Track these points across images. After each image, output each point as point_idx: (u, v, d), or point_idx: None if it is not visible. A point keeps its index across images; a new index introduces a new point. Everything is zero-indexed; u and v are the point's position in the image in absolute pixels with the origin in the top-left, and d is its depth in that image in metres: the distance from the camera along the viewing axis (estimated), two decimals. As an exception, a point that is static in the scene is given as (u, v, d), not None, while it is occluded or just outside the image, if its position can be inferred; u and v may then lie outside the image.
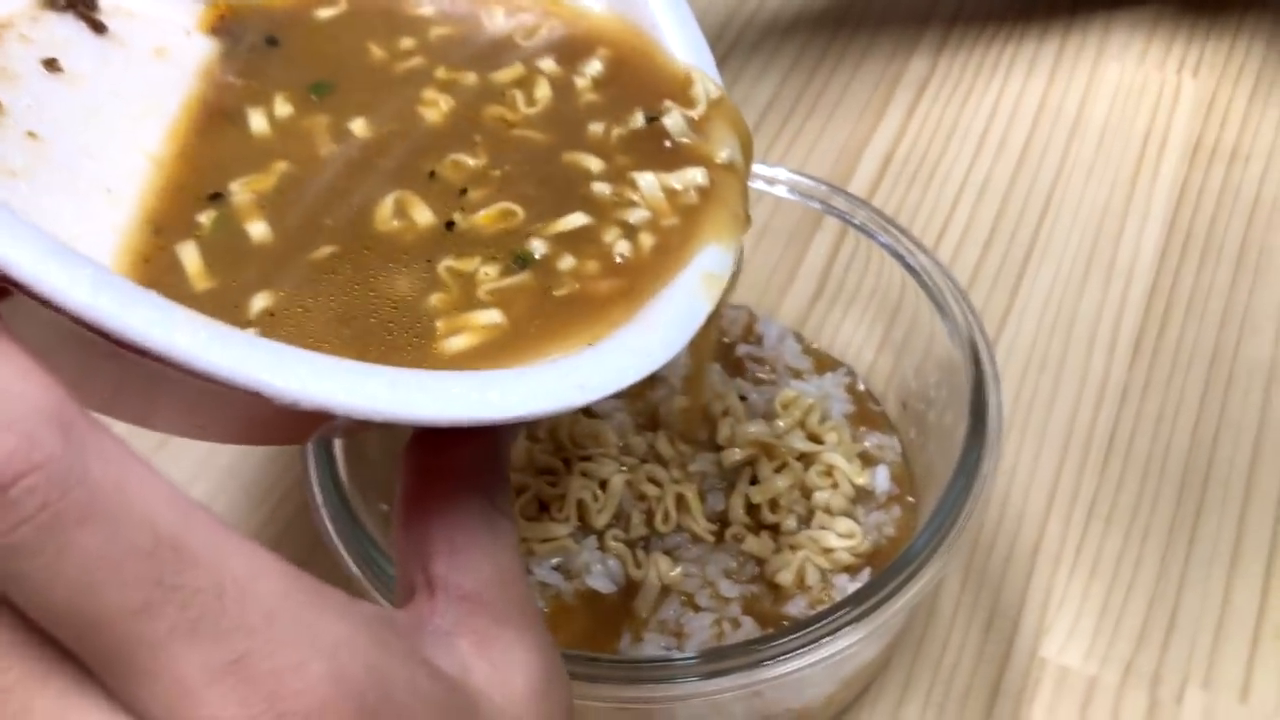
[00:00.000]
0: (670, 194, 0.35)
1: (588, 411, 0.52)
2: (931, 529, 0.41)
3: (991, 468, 0.43)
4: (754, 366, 0.55)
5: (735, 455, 0.48)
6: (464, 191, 0.35)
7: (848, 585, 0.47)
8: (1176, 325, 0.62)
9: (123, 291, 0.23)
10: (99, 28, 0.36)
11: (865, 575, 0.48)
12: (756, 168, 0.55)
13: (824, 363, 0.55)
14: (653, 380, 0.54)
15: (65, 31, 0.35)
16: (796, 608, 0.47)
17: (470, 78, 0.38)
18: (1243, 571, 0.53)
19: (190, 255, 0.32)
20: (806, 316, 0.58)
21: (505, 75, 0.38)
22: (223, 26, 0.38)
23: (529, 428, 0.51)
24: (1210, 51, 0.75)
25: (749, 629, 0.46)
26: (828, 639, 0.39)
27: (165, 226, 0.33)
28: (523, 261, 0.33)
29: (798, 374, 0.54)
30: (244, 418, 0.30)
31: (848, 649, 0.40)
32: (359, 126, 0.36)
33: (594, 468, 0.50)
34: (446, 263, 0.33)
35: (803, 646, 0.39)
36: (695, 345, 0.33)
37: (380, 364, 0.27)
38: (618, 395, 0.53)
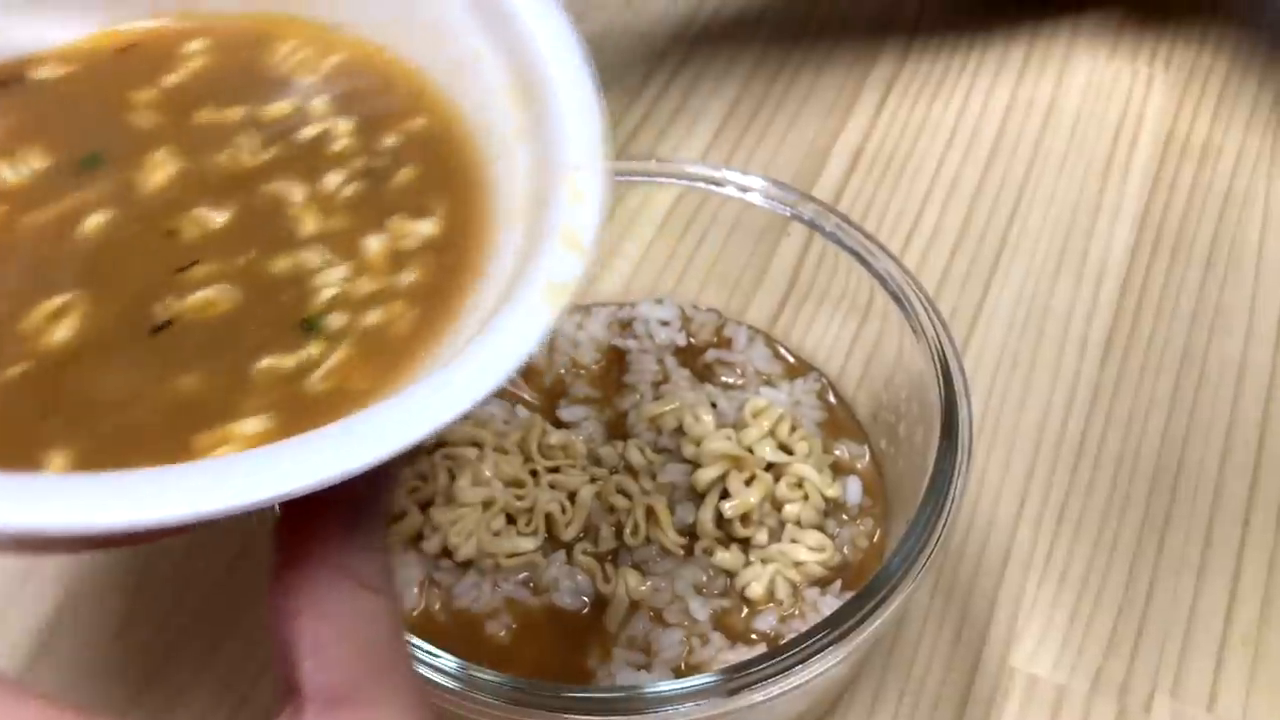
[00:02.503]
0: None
1: (557, 421, 0.52)
2: (905, 550, 0.41)
3: (962, 487, 0.43)
4: (723, 371, 0.54)
5: (709, 475, 0.48)
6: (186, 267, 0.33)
7: (818, 598, 0.47)
8: (1148, 324, 0.62)
9: None
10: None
11: (836, 588, 0.47)
12: (725, 173, 0.54)
13: (794, 368, 0.55)
14: (622, 387, 0.54)
15: None
16: (767, 622, 0.47)
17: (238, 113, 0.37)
18: (1210, 578, 0.53)
19: None
20: (776, 317, 0.57)
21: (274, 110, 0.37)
22: None
23: (499, 440, 0.50)
24: (1181, 45, 0.74)
25: (718, 644, 0.46)
26: (805, 663, 0.39)
27: None
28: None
29: (768, 380, 0.54)
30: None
31: (825, 671, 0.40)
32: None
33: (562, 479, 0.49)
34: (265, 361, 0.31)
35: (780, 672, 0.39)
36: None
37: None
38: (585, 402, 0.53)
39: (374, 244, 0.34)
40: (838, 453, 0.51)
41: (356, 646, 0.28)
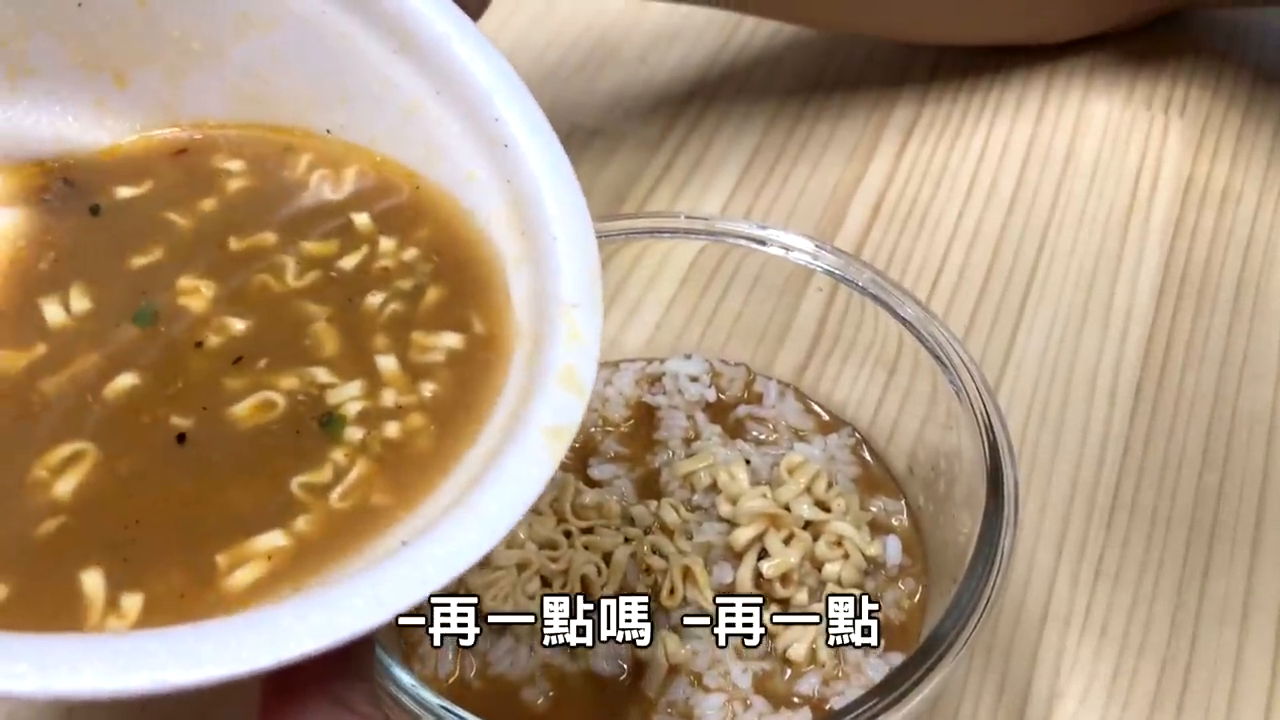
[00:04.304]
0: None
1: (589, 480, 0.51)
2: (957, 613, 0.40)
3: (1011, 546, 0.42)
4: (755, 427, 0.54)
5: (746, 535, 0.47)
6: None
7: (862, 659, 0.46)
8: (1176, 372, 0.61)
9: None
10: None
11: (879, 649, 0.46)
12: (746, 226, 0.54)
13: (827, 424, 0.54)
14: (652, 444, 0.53)
15: None
16: (810, 684, 0.46)
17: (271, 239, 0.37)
18: (1254, 630, 0.52)
19: None
20: (803, 371, 0.57)
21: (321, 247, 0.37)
22: (44, 188, 0.37)
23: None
24: (1196, 91, 0.74)
25: (760, 709, 0.45)
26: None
27: None
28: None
29: (801, 435, 0.53)
30: None
31: (874, 739, 0.39)
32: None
33: (597, 540, 0.48)
34: (301, 478, 0.32)
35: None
36: None
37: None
38: (616, 460, 0.52)
39: (391, 361, 0.35)
40: (874, 509, 0.51)
41: None
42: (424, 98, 0.38)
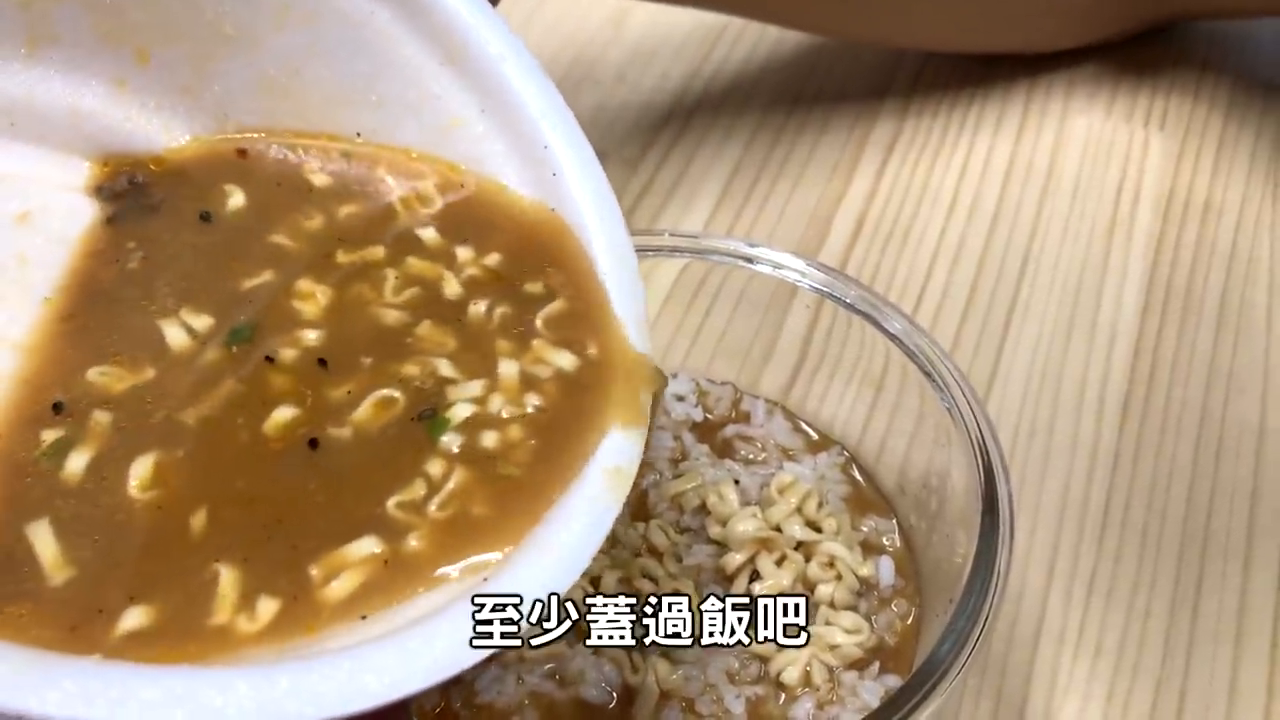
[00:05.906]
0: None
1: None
2: (955, 633, 0.40)
3: (1008, 565, 0.41)
4: (743, 447, 0.53)
5: (736, 560, 0.46)
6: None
7: (856, 682, 0.45)
8: (1163, 386, 0.61)
9: None
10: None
11: (874, 670, 0.46)
12: (730, 243, 0.53)
13: (816, 442, 0.54)
14: (641, 465, 0.52)
15: None
16: (804, 709, 0.45)
17: (379, 252, 0.37)
18: (1248, 648, 0.51)
19: (43, 538, 0.30)
20: (789, 389, 0.56)
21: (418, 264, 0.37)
22: (110, 186, 0.36)
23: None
24: (1175, 103, 0.74)
25: (754, 734, 0.44)
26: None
27: (12, 441, 0.31)
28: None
29: (790, 454, 0.53)
30: None
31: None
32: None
33: (585, 564, 0.48)
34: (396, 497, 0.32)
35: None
36: None
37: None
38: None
39: (511, 369, 0.34)
40: (865, 529, 0.50)
41: None
42: (467, 113, 0.37)
